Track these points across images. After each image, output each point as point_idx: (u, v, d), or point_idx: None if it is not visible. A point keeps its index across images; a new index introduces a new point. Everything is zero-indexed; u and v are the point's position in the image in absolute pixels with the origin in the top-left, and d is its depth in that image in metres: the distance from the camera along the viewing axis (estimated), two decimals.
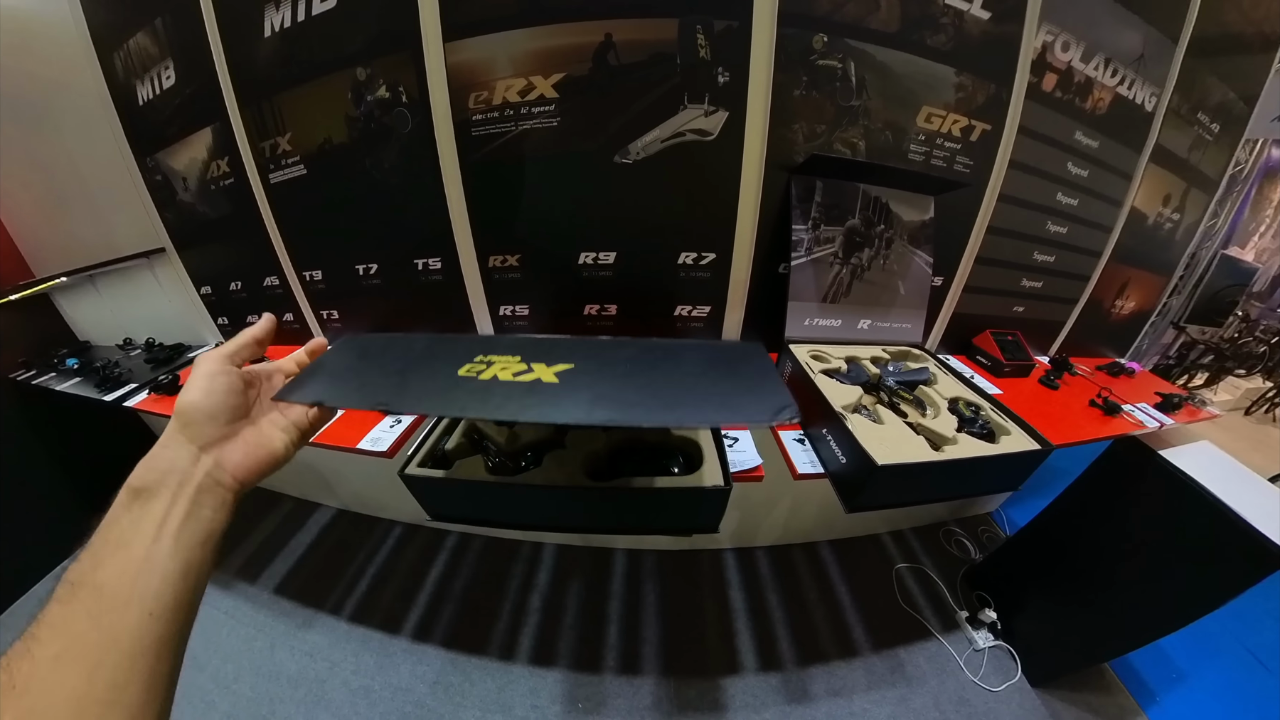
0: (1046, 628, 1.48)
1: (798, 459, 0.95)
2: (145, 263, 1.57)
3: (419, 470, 0.71)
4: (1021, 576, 1.55)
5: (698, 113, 1.04)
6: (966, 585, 1.68)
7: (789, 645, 1.55)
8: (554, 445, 0.76)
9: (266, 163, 1.30)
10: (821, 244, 1.11)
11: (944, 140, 1.19)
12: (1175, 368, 1.84)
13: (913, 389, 1.08)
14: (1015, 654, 1.50)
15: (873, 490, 0.86)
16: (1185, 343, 1.88)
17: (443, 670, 1.53)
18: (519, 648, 1.57)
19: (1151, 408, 1.33)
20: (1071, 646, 1.42)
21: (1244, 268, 1.76)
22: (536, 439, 0.77)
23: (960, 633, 1.57)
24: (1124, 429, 1.25)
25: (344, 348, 0.52)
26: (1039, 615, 1.50)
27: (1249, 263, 1.78)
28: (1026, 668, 1.47)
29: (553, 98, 1.05)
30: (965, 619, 1.57)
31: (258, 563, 1.89)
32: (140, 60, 1.32)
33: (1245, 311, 1.96)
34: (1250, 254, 1.84)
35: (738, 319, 1.24)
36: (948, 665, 1.50)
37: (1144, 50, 1.31)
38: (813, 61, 1.06)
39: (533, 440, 0.77)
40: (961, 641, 1.55)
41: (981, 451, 0.92)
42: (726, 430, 0.87)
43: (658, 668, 1.50)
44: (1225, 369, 1.93)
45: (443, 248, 1.24)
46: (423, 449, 0.76)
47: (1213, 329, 1.90)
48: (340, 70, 1.16)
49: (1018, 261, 1.37)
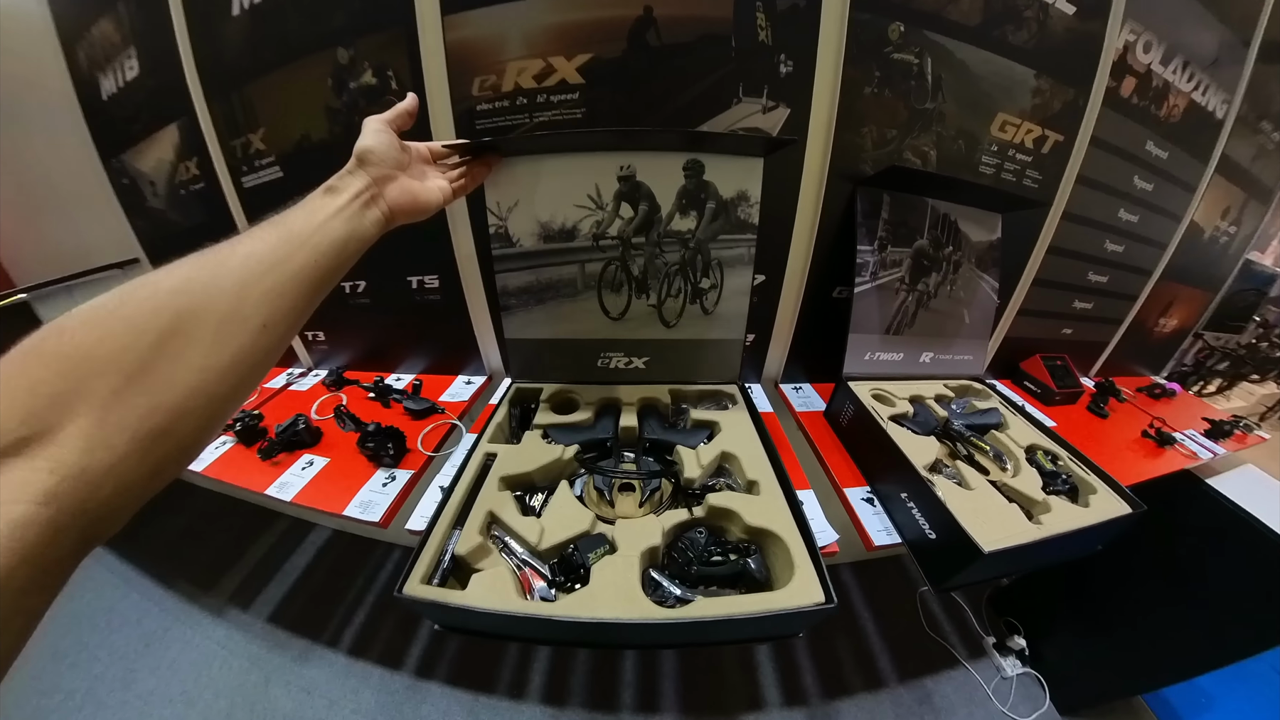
0: (1078, 656, 1.37)
1: (870, 526, 0.78)
2: (121, 274, 1.37)
3: (424, 592, 0.52)
4: (1052, 602, 1.43)
5: (754, 108, 0.83)
6: (993, 610, 1.56)
7: (813, 677, 1.41)
8: (597, 543, 0.57)
9: (239, 164, 1.07)
10: (888, 268, 0.92)
11: (1015, 152, 1.01)
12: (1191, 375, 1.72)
13: (983, 433, 0.92)
14: (1044, 682, 1.39)
15: (971, 572, 0.70)
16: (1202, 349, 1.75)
17: (449, 710, 1.36)
18: (530, 685, 1.40)
19: (1200, 435, 1.19)
20: (1105, 676, 1.32)
21: (1264, 272, 1.63)
22: (575, 535, 0.58)
23: (987, 659, 1.46)
24: (1179, 462, 1.11)
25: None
26: (1070, 643, 1.39)
27: (1269, 267, 1.65)
28: (1055, 696, 1.37)
29: (577, 84, 0.83)
30: (993, 645, 1.46)
31: (252, 586, 1.68)
32: (104, 49, 1.09)
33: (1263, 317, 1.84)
34: (1270, 258, 1.70)
35: (782, 352, 1.05)
36: (975, 695, 1.38)
37: (1218, 53, 1.14)
38: (887, 54, 0.86)
39: (571, 538, 0.57)
40: (989, 669, 1.44)
41: (1080, 522, 0.77)
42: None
43: (676, 705, 1.36)
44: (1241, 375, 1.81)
45: (440, 263, 1.02)
46: (425, 554, 0.56)
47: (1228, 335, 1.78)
48: (318, 52, 0.92)
49: (1073, 282, 1.22)
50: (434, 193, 0.54)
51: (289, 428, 0.93)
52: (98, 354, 0.26)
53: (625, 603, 0.50)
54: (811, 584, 0.54)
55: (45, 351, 0.26)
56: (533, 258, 0.84)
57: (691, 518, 0.62)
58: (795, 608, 0.52)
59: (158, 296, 0.30)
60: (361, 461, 0.87)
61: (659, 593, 0.56)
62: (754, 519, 0.60)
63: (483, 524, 0.60)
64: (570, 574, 0.54)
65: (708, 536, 0.60)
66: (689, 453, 0.69)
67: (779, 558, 0.59)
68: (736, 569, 0.57)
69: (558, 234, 0.83)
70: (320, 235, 0.41)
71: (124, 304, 0.29)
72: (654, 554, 0.58)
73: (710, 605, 0.51)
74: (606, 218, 0.83)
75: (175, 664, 1.46)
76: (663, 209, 0.83)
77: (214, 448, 0.98)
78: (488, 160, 0.68)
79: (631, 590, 0.51)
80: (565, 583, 0.54)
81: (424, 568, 0.55)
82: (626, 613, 0.48)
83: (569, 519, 0.59)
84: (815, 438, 0.91)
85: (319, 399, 1.10)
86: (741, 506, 0.61)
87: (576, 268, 0.84)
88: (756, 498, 0.63)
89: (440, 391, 1.10)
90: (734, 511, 0.60)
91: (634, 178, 0.81)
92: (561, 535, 0.57)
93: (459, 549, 0.56)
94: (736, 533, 0.62)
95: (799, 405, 1.01)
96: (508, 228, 0.83)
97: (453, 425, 0.97)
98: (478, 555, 0.57)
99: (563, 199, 0.81)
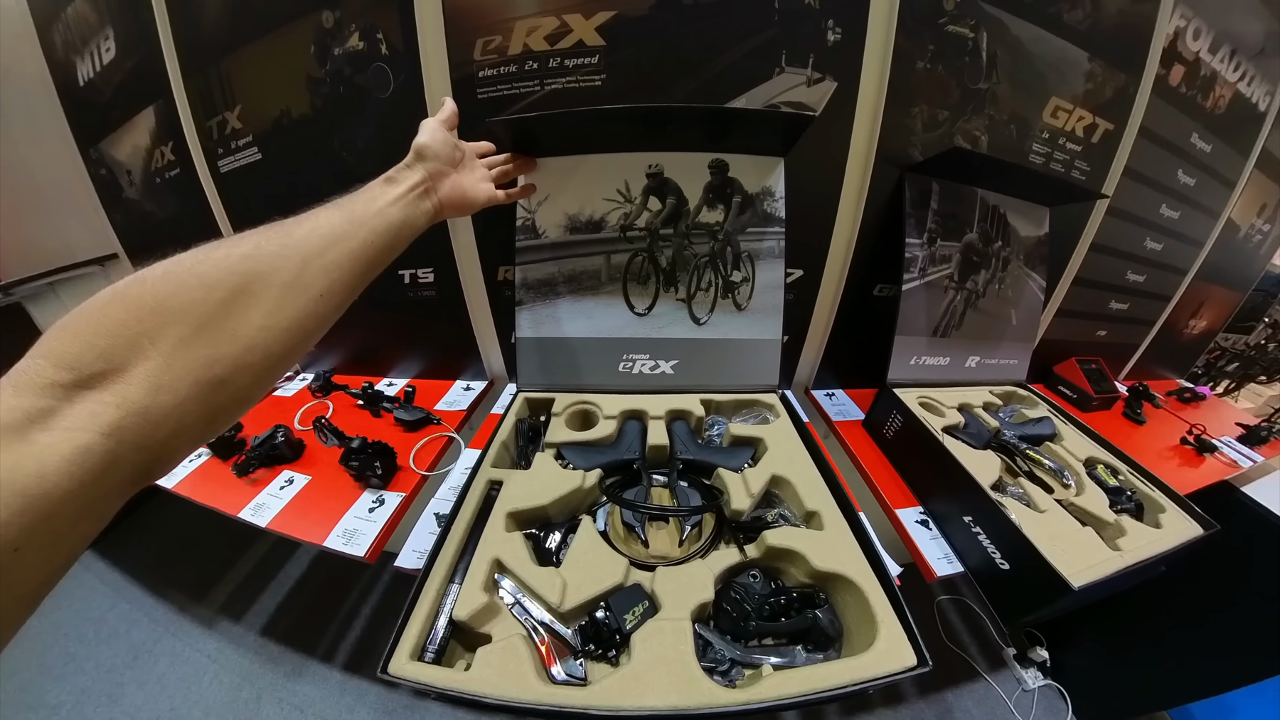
0: (1102, 668, 1.28)
1: (929, 554, 0.66)
2: (100, 270, 1.27)
3: (415, 672, 0.39)
4: (1075, 612, 1.33)
5: (798, 80, 0.71)
6: None
7: None
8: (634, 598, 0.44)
9: (214, 146, 0.93)
10: (936, 263, 0.80)
11: (1066, 140, 0.90)
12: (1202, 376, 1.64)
13: (1037, 444, 0.80)
14: (1066, 695, 1.29)
15: (1055, 608, 0.59)
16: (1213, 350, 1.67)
17: None
18: None
19: (1236, 441, 1.10)
20: (1130, 690, 1.22)
21: (1274, 273, 1.55)
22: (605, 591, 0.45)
23: (1008, 671, 1.36)
24: (1221, 471, 1.02)
25: None
26: (1094, 655, 1.29)
27: (1278, 268, 1.57)
28: (1079, 710, 1.27)
29: (596, 46, 0.70)
30: (1013, 656, 1.36)
31: (244, 597, 1.54)
32: (80, 31, 0.97)
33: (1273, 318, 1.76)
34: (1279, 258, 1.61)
35: (815, 354, 0.93)
36: (997, 709, 1.28)
37: (1264, 43, 1.03)
38: (942, 26, 0.74)
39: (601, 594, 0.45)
40: (1010, 681, 1.34)
41: (1159, 546, 0.66)
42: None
43: None
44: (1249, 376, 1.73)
45: (436, 256, 0.89)
46: (416, 615, 0.42)
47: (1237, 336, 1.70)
48: (301, 18, 0.78)
49: (1112, 282, 1.11)
50: (481, 190, 0.56)
51: (267, 440, 0.79)
52: (172, 304, 0.27)
53: (680, 684, 0.37)
54: (899, 642, 0.43)
55: (128, 296, 0.27)
56: (558, 249, 0.74)
57: (745, 559, 0.49)
58: (887, 675, 0.40)
59: (230, 259, 0.31)
60: (348, 479, 0.73)
61: (709, 654, 0.44)
62: (822, 562, 0.47)
63: (488, 576, 0.47)
64: (603, 642, 0.41)
65: (764, 582, 0.48)
66: (733, 477, 0.57)
67: (851, 607, 0.47)
68: (805, 624, 0.45)
69: (584, 225, 0.73)
70: (378, 219, 0.42)
71: (200, 262, 0.30)
72: (703, 609, 0.45)
73: (790, 681, 0.38)
74: (635, 210, 0.72)
75: (164, 678, 1.32)
76: (690, 202, 0.73)
77: (187, 462, 0.84)
78: (527, 160, 0.69)
79: (687, 667, 0.38)
80: (598, 652, 0.41)
81: (414, 636, 0.42)
82: (684, 699, 0.36)
83: (596, 568, 0.46)
84: (857, 451, 0.80)
85: (304, 406, 0.95)
86: (806, 546, 0.48)
87: (602, 259, 0.73)
88: (820, 533, 0.51)
89: (436, 398, 0.96)
90: (797, 552, 0.48)
91: (662, 174, 0.73)
92: (589, 591, 0.44)
93: (459, 613, 0.43)
94: (799, 576, 0.49)
95: (835, 414, 0.89)
96: (535, 220, 0.73)
97: (450, 438, 0.83)
98: (483, 618, 0.44)
99: (592, 193, 0.72)
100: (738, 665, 0.44)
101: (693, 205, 0.72)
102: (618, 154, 0.71)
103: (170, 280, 0.28)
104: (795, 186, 0.75)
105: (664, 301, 0.74)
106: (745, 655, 0.43)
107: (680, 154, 0.71)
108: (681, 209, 0.72)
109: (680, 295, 0.74)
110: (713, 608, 0.47)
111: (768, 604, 0.45)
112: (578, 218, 0.72)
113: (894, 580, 0.47)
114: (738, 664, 0.44)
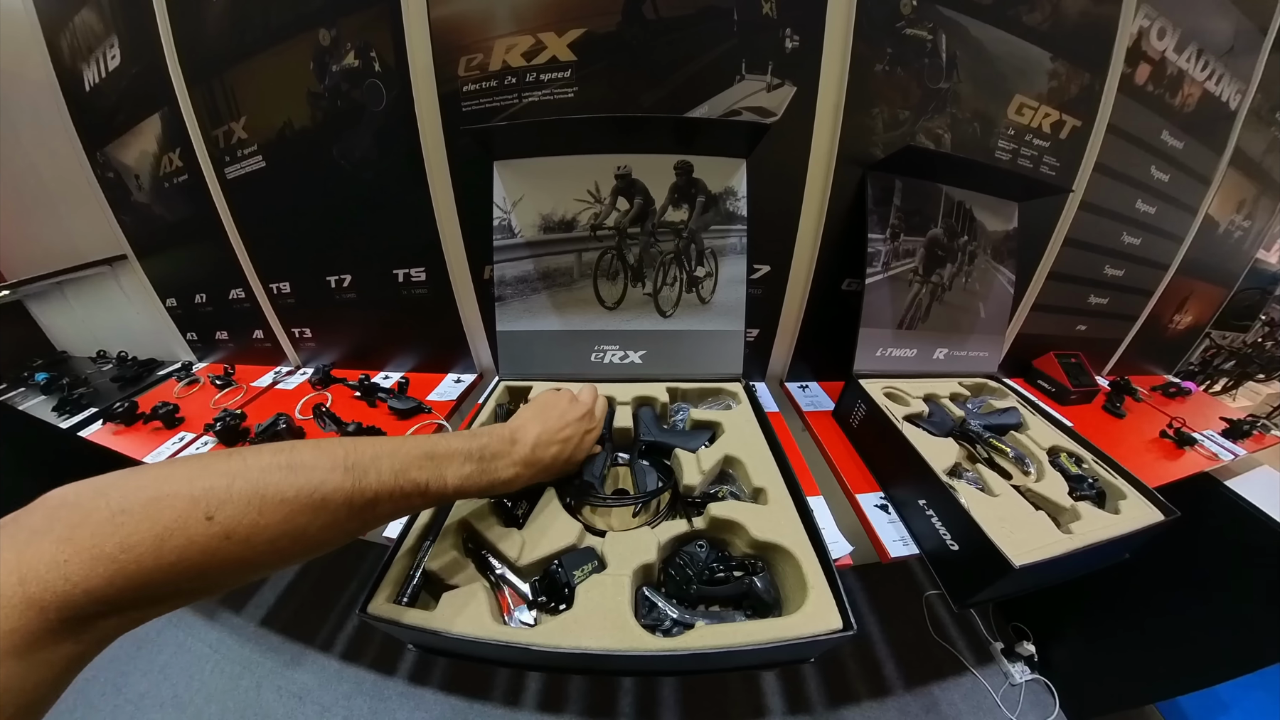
0: (1089, 662, 1.28)
1: (886, 536, 0.69)
2: (109, 270, 1.30)
3: (389, 611, 0.43)
4: (1062, 606, 1.34)
5: (758, 86, 0.75)
6: (1000, 614, 1.47)
7: (817, 685, 1.32)
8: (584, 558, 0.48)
9: (221, 154, 0.99)
10: (900, 258, 0.83)
11: (1033, 137, 0.92)
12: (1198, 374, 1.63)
13: (1002, 434, 0.83)
14: (1054, 689, 1.29)
15: (998, 587, 0.61)
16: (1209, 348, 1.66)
17: (443, 717, 1.27)
18: (526, 691, 1.31)
19: (1219, 435, 1.10)
20: (1118, 683, 1.22)
21: (1269, 271, 1.54)
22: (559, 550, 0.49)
23: (995, 666, 1.36)
24: (1200, 464, 1.02)
25: None
26: (1081, 648, 1.29)
27: (1275, 265, 1.56)
28: (1066, 704, 1.28)
29: (568, 61, 0.75)
30: (1000, 651, 1.36)
31: (244, 588, 1.60)
32: (86, 39, 1.02)
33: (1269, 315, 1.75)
34: (1275, 255, 1.61)
35: (788, 348, 0.96)
36: (983, 702, 1.29)
37: (1234, 42, 1.05)
38: (899, 30, 0.77)
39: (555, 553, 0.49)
40: (997, 675, 1.34)
41: (1113, 530, 0.68)
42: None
43: (676, 713, 1.27)
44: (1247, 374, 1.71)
45: (427, 255, 0.94)
46: (394, 568, 0.48)
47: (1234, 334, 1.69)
48: (299, 34, 0.84)
49: (1089, 276, 1.12)
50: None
51: (269, 427, 0.85)
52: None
53: (614, 630, 0.41)
54: (828, 607, 0.45)
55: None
56: (533, 247, 0.78)
57: (691, 530, 0.53)
58: (810, 636, 0.43)
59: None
60: None
61: (654, 614, 0.47)
62: (761, 532, 0.51)
63: (458, 536, 0.51)
64: (554, 594, 0.45)
65: (709, 551, 0.52)
66: (688, 457, 0.61)
67: (789, 575, 0.50)
68: (741, 588, 0.49)
69: (558, 225, 0.77)
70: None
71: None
72: (649, 571, 0.49)
73: (713, 634, 0.42)
74: (604, 210, 0.76)
75: (167, 667, 1.38)
76: (657, 202, 0.77)
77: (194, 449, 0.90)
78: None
79: (621, 616, 0.42)
80: (548, 603, 0.45)
81: (392, 584, 0.47)
82: (616, 642, 0.40)
83: (554, 531, 0.50)
84: (824, 439, 0.83)
85: (304, 398, 1.01)
86: (748, 518, 0.52)
87: (574, 256, 0.77)
88: (764, 508, 0.54)
89: (429, 390, 1.01)
90: (739, 524, 0.52)
91: (630, 175, 0.77)
92: (545, 549, 0.48)
93: (430, 563, 0.48)
94: (741, 546, 0.53)
95: (806, 405, 0.92)
96: (511, 220, 0.77)
97: (439, 425, 0.88)
98: (452, 570, 0.48)
99: (564, 193, 0.77)
100: (679, 625, 0.47)
101: (659, 205, 0.77)
102: (588, 155, 0.76)
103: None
104: (759, 186, 0.78)
105: (632, 296, 0.78)
106: (685, 616, 0.47)
107: (647, 156, 0.76)
108: (648, 208, 0.76)
109: (647, 290, 0.78)
110: (661, 574, 0.51)
111: (707, 569, 0.49)
112: (551, 217, 0.77)
113: (828, 551, 0.50)
114: (679, 624, 0.47)
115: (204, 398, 1.07)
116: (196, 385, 1.13)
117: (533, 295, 0.79)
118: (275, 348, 1.16)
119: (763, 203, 0.80)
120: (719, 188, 0.76)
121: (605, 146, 0.76)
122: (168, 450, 0.91)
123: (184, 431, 0.96)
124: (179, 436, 0.94)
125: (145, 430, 0.97)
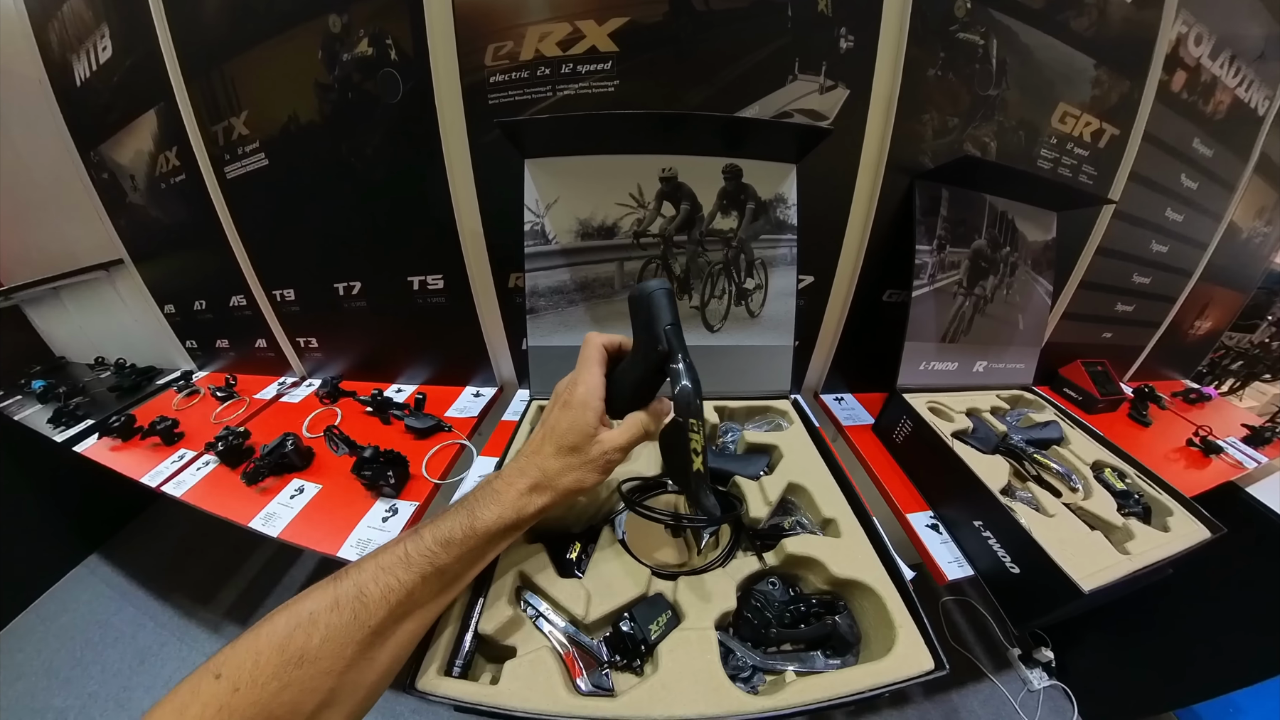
0: (1109, 668, 1.30)
1: (940, 557, 0.68)
2: (105, 275, 1.26)
3: (445, 687, 0.40)
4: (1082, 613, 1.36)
5: (810, 87, 0.73)
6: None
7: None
8: (657, 609, 0.45)
9: (220, 152, 0.94)
10: (945, 270, 0.82)
11: (1074, 145, 0.92)
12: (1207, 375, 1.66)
13: (1044, 448, 0.83)
14: (1072, 695, 1.32)
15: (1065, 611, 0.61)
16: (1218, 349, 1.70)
17: None
18: None
19: (1241, 442, 1.13)
20: (1137, 690, 1.25)
21: (1275, 272, 1.58)
22: (628, 601, 0.47)
23: (1013, 672, 1.38)
24: (1227, 473, 1.04)
25: None
26: (1100, 655, 1.32)
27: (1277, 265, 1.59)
28: (1084, 711, 1.30)
29: (609, 52, 0.71)
30: (1018, 657, 1.38)
31: (250, 600, 1.55)
32: (75, 29, 0.96)
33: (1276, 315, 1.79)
34: None
35: (825, 360, 0.95)
36: (1003, 709, 1.31)
37: (1265, 47, 1.06)
38: (953, 33, 0.76)
39: (624, 605, 0.46)
40: (1015, 682, 1.36)
41: (1167, 550, 0.69)
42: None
43: None
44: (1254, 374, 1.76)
45: (446, 261, 0.90)
46: (441, 635, 0.43)
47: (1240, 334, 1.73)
48: (307, 21, 0.79)
49: (1118, 285, 1.13)
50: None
51: (276, 449, 0.80)
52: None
53: (709, 693, 0.39)
54: (917, 647, 0.44)
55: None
56: (569, 255, 0.74)
57: (763, 567, 0.51)
58: (906, 679, 0.42)
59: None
60: (359, 487, 0.74)
61: (731, 662, 0.45)
62: (841, 569, 0.49)
63: (512, 588, 0.48)
64: (628, 653, 0.43)
65: (782, 588, 0.50)
66: (751, 485, 0.58)
67: (869, 612, 0.49)
68: (825, 630, 0.47)
69: (596, 231, 0.73)
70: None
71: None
72: (725, 617, 0.47)
73: (815, 687, 0.40)
74: (648, 215, 0.73)
75: (170, 682, 1.30)
76: (704, 209, 0.74)
77: (195, 469, 0.85)
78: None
79: (713, 676, 0.40)
80: (622, 662, 0.43)
81: (442, 651, 0.43)
82: (712, 707, 0.38)
83: (618, 578, 0.48)
84: (868, 456, 0.81)
85: (312, 413, 0.96)
86: (825, 554, 0.50)
87: (615, 266, 0.74)
88: (839, 541, 0.53)
89: (446, 405, 0.97)
90: (817, 560, 0.50)
91: (676, 178, 0.73)
92: (612, 602, 0.46)
93: (484, 627, 0.44)
94: (816, 583, 0.51)
95: (844, 419, 0.91)
96: (544, 224, 0.73)
97: (462, 446, 0.84)
98: (508, 630, 0.45)
99: (604, 196, 0.72)
100: (759, 672, 0.45)
101: (706, 211, 0.74)
102: (630, 155, 0.72)
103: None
104: (806, 193, 0.76)
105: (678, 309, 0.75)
106: (766, 662, 0.45)
107: (693, 158, 0.72)
108: (695, 215, 0.73)
109: (694, 303, 0.76)
110: (733, 615, 0.49)
111: (788, 611, 0.47)
112: (589, 223, 0.73)
113: (909, 586, 0.49)
114: (759, 670, 0.45)
115: (205, 410, 1.02)
116: (197, 397, 1.08)
117: (569, 308, 0.75)
118: (279, 357, 1.11)
119: (808, 211, 0.78)
120: (769, 194, 0.73)
121: (648, 146, 0.72)
122: (167, 470, 0.86)
123: (184, 449, 0.91)
124: (178, 454, 0.89)
125: (143, 446, 0.92)
